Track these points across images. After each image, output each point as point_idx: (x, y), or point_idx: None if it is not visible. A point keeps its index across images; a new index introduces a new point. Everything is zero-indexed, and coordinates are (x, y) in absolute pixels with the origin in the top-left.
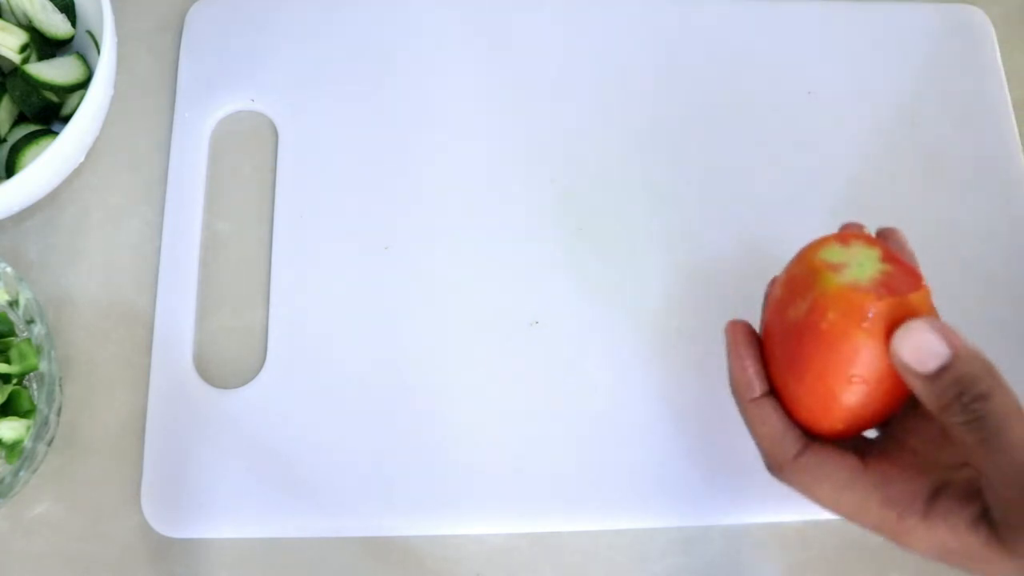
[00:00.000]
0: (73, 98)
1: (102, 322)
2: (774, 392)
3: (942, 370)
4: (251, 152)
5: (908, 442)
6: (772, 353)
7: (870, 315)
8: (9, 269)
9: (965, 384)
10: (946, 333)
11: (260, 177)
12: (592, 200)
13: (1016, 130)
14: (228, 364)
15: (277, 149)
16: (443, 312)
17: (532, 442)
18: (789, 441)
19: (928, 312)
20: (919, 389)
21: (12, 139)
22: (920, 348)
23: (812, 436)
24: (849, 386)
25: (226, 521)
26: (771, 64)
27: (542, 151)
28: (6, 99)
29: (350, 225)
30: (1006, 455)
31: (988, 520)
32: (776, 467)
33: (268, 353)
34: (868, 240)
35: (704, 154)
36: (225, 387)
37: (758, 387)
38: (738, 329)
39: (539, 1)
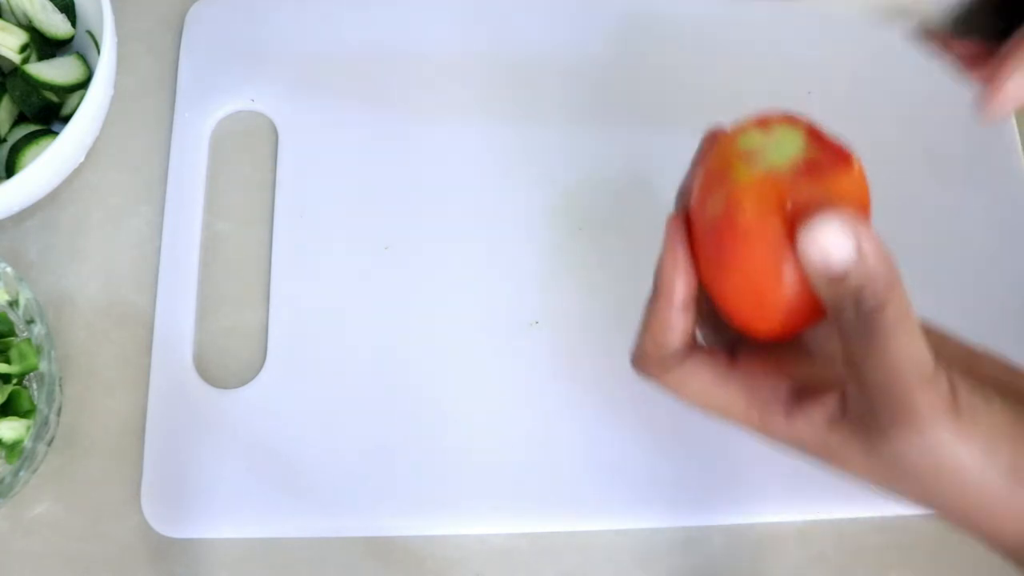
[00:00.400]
0: (73, 98)
1: (102, 322)
2: (698, 301)
3: (845, 273)
4: (251, 152)
5: (800, 338)
6: (697, 252)
7: (789, 206)
8: (9, 269)
9: (866, 289)
10: (856, 231)
11: (260, 177)
12: (592, 200)
13: (1016, 130)
14: (228, 364)
15: (277, 149)
16: (443, 312)
17: (532, 442)
18: (681, 347)
19: (858, 195)
20: (818, 284)
21: (12, 139)
22: (826, 247)
23: (750, 338)
24: (778, 284)
25: (226, 521)
26: (771, 64)
27: (543, 151)
28: (6, 99)
29: (350, 225)
30: (884, 356)
31: (848, 416)
32: (649, 364)
33: (268, 353)
34: (791, 121)
35: None
36: (225, 387)
37: (681, 293)
38: (679, 228)
39: (539, 2)
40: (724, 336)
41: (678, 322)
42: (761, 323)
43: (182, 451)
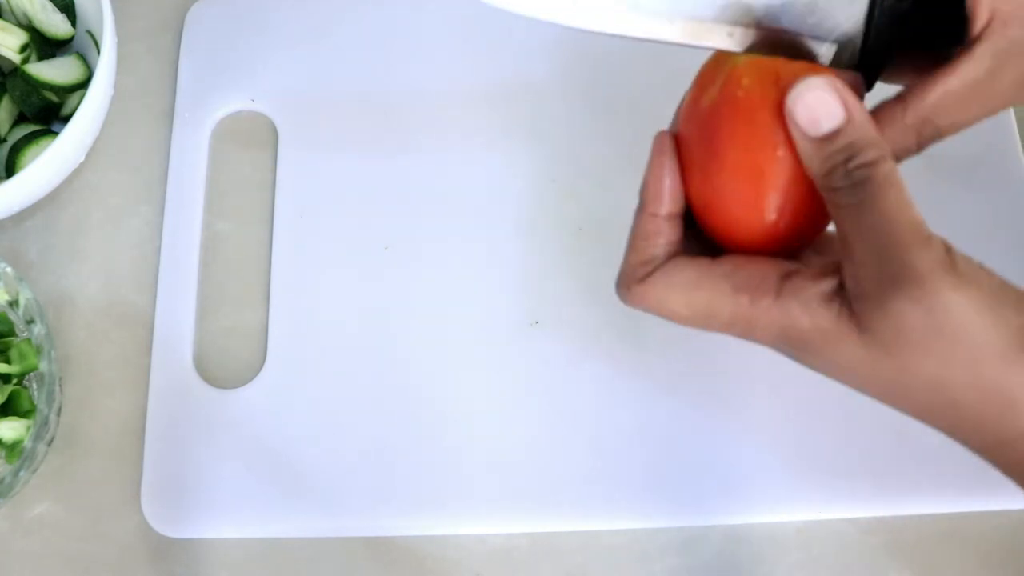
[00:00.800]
0: (73, 98)
1: (102, 322)
2: (684, 223)
3: (834, 133)
4: (251, 152)
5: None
6: (689, 161)
7: (784, 83)
8: (9, 269)
9: (854, 149)
10: (844, 95)
11: (260, 177)
12: (592, 200)
13: (1016, 130)
14: (228, 364)
15: (277, 149)
16: (443, 312)
17: (532, 442)
18: (662, 258)
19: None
20: (807, 152)
21: (12, 139)
22: (815, 107)
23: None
24: (775, 158)
25: (226, 521)
26: None
27: (543, 150)
28: (6, 99)
29: (350, 225)
30: (876, 218)
31: (841, 295)
32: (629, 281)
33: (268, 353)
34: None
35: None
36: (225, 387)
37: (667, 206)
38: (667, 140)
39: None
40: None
41: (664, 232)
42: (755, 215)
43: (182, 451)
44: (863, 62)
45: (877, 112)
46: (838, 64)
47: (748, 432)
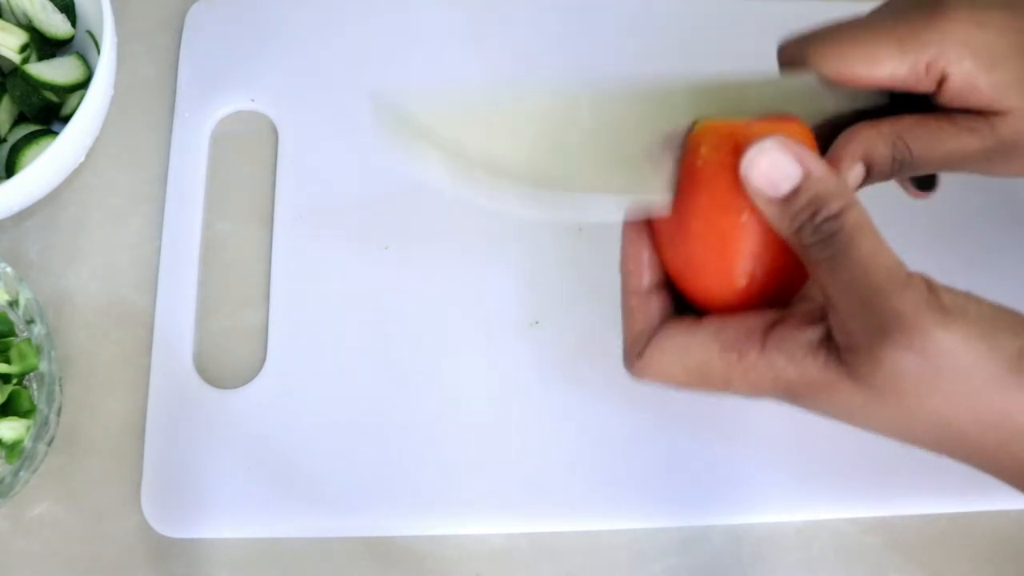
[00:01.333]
0: (73, 98)
1: (102, 322)
2: (668, 288)
3: (794, 192)
4: (251, 152)
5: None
6: (660, 231)
7: (745, 145)
8: (9, 269)
9: (818, 204)
10: (798, 152)
11: (260, 177)
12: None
13: None
14: (228, 364)
15: (277, 149)
16: (443, 312)
17: (532, 442)
18: (652, 332)
19: (806, 140)
20: (771, 214)
21: (12, 139)
22: (770, 170)
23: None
24: (738, 224)
25: (226, 521)
26: (772, 64)
27: None
28: (6, 99)
29: (350, 225)
30: (852, 269)
31: (829, 344)
32: (632, 360)
33: (268, 353)
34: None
35: None
36: (225, 387)
37: (647, 277)
38: (634, 226)
39: (541, 1)
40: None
41: (651, 303)
42: (726, 280)
43: (182, 451)
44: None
45: (858, 124)
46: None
47: (748, 432)
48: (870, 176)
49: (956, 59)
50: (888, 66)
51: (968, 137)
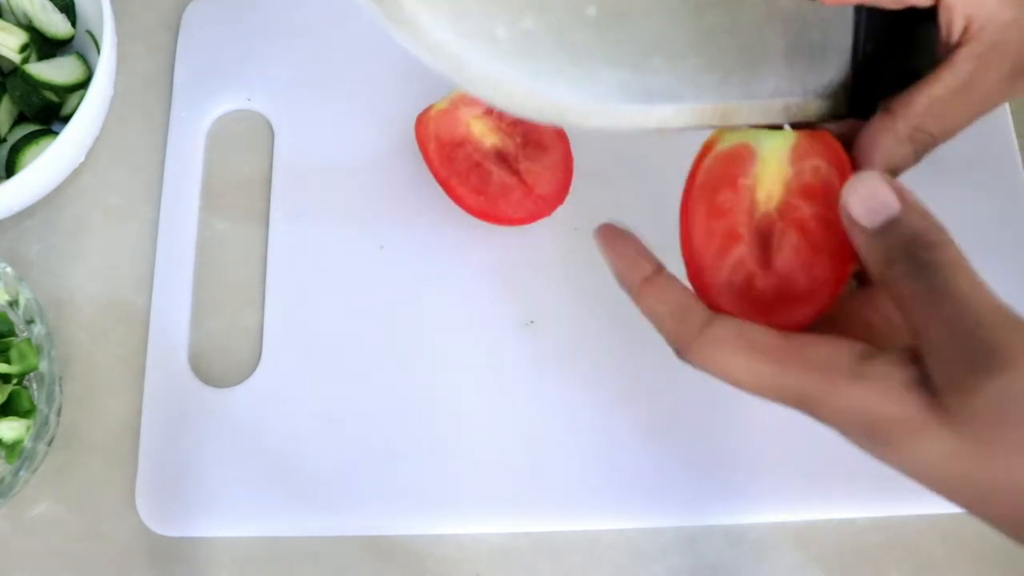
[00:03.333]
0: (73, 98)
1: (102, 322)
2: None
3: (890, 223)
4: (247, 151)
5: (835, 320)
6: (690, 248)
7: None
8: (9, 269)
9: (914, 235)
10: (895, 185)
11: (256, 176)
12: (587, 199)
13: (1013, 130)
14: (224, 363)
15: (273, 148)
16: (438, 311)
17: (531, 441)
18: (695, 312)
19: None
20: (864, 245)
21: (12, 139)
22: (870, 199)
23: None
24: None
25: (223, 520)
26: None
27: None
28: (6, 99)
29: (345, 224)
30: (953, 306)
31: (925, 385)
32: (683, 347)
33: (263, 352)
34: None
35: None
36: (221, 386)
37: (647, 265)
38: (606, 228)
39: None
40: None
41: (669, 287)
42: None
43: (178, 450)
44: (853, 110)
45: (869, 127)
46: (835, 116)
47: (748, 432)
48: (893, 176)
49: None
50: None
51: (968, 87)
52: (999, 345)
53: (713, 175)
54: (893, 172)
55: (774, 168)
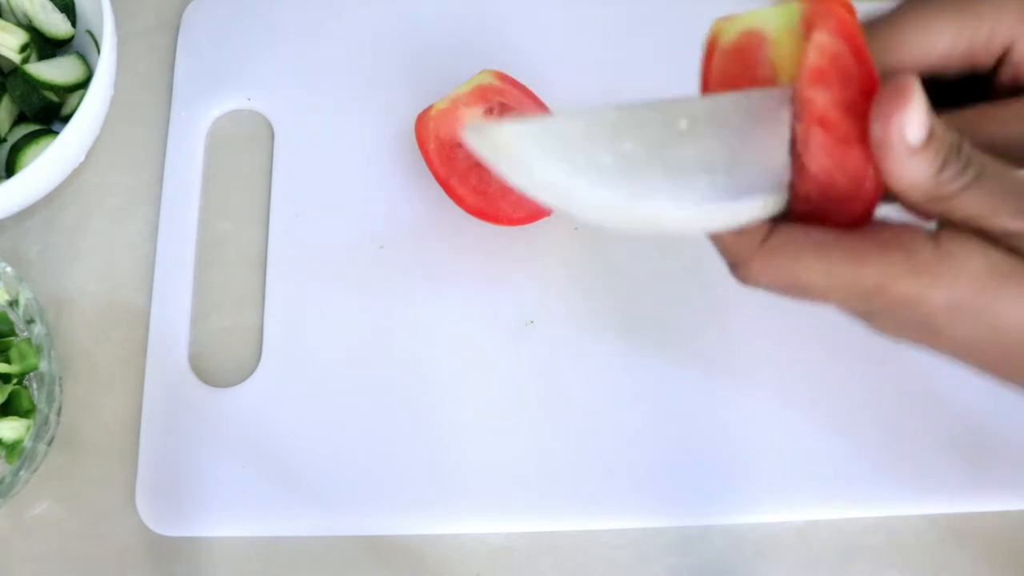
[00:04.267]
0: (73, 98)
1: (102, 322)
2: None
3: (931, 135)
4: (247, 151)
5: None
6: None
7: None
8: (9, 269)
9: (954, 143)
10: (920, 96)
11: (256, 176)
12: None
13: None
14: (224, 363)
15: (273, 148)
16: (438, 311)
17: (531, 441)
18: (752, 231)
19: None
20: (910, 164)
21: (12, 139)
22: (916, 114)
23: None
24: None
25: (223, 520)
26: None
27: None
28: (6, 99)
29: (345, 224)
30: (1007, 173)
31: (1007, 251)
32: (743, 265)
33: (264, 352)
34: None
35: None
36: (221, 386)
37: None
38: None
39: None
40: None
41: None
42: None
43: (177, 450)
44: None
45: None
46: None
47: (748, 432)
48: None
49: (1017, 24)
50: (944, 40)
51: None
52: None
53: (728, 74)
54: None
55: (787, 49)
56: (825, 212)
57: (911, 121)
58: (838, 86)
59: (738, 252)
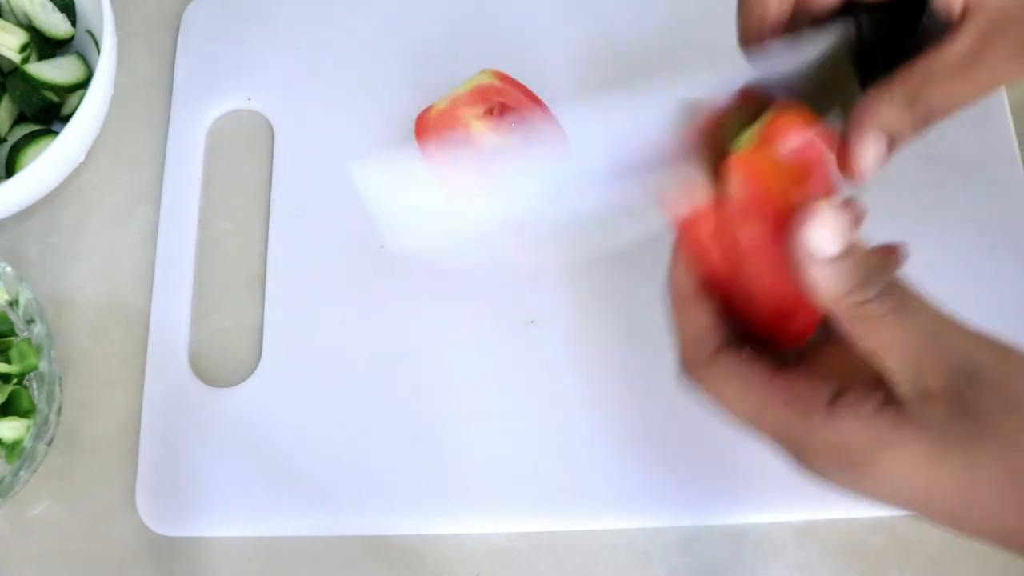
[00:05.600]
0: (73, 98)
1: (102, 322)
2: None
3: (849, 248)
4: (247, 151)
5: (816, 357)
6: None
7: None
8: (9, 269)
9: (876, 257)
10: (845, 211)
11: (256, 176)
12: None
13: (1013, 132)
14: (224, 363)
15: (273, 148)
16: (439, 311)
17: (531, 441)
18: (710, 340)
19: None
20: (822, 277)
21: (12, 139)
22: (829, 226)
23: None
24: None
25: (223, 520)
26: None
27: None
28: (6, 99)
29: (345, 223)
30: (924, 312)
31: (893, 402)
32: (689, 367)
33: (263, 351)
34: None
35: None
36: (221, 386)
37: (691, 284)
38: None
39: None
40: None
41: (698, 312)
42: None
43: (177, 450)
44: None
45: (866, 94)
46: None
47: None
48: (892, 147)
49: None
50: None
51: (972, 60)
52: (977, 336)
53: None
54: (890, 139)
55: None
56: (775, 329)
57: (818, 233)
58: (770, 221)
59: (690, 358)
